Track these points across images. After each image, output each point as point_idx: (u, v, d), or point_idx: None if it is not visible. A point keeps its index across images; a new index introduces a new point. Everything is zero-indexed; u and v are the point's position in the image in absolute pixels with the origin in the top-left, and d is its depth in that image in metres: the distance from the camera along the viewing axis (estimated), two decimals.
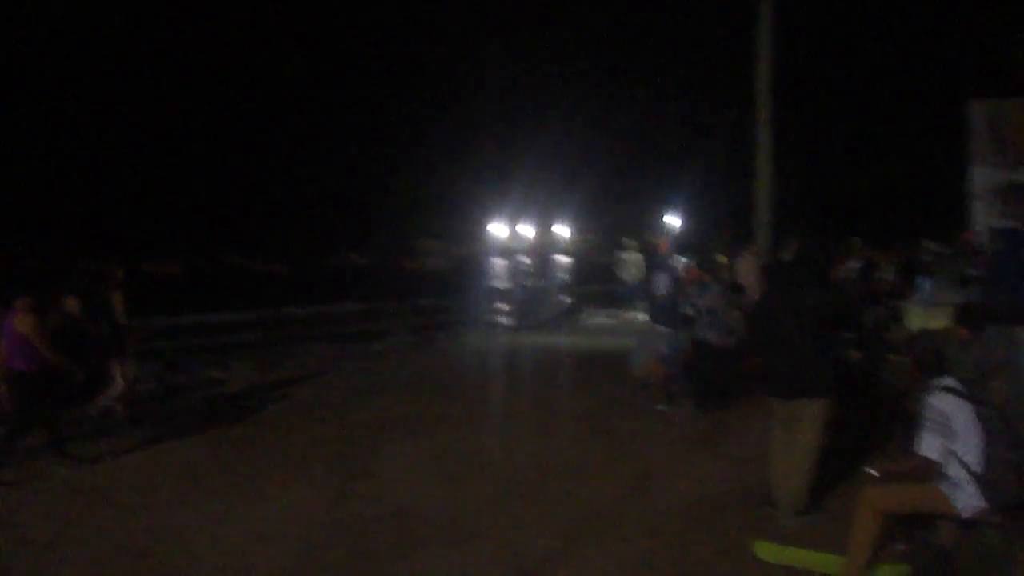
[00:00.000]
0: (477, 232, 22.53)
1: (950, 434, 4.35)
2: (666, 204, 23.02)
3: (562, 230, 22.49)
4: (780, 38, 13.74)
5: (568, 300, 20.23)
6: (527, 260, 19.59)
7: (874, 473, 4.81)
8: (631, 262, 19.12)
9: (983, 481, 4.32)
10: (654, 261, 14.51)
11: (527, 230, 20.84)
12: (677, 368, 9.41)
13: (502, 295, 18.28)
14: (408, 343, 15.90)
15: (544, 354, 14.29)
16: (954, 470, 4.37)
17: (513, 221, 20.66)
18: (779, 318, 5.85)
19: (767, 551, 5.20)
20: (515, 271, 19.04)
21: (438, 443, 8.21)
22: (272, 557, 5.44)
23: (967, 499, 4.35)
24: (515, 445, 8.11)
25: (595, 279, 23.90)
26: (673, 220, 22.45)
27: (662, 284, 9.26)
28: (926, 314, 10.61)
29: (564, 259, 21.17)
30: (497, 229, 19.95)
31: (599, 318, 19.67)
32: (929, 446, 4.39)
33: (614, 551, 5.42)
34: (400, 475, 7.23)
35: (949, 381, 4.53)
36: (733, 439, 8.06)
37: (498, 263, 19.14)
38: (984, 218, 12.58)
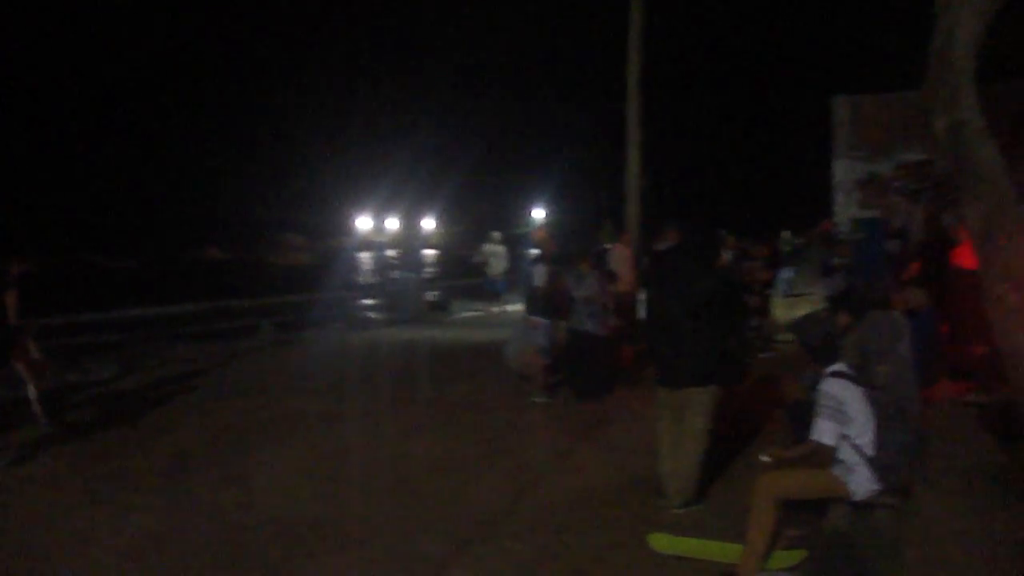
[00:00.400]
0: (343, 226, 21.97)
1: (844, 419, 4.34)
2: (533, 197, 23.14)
3: (428, 223, 22.21)
4: (652, 32, 13.93)
5: (435, 294, 19.90)
6: (393, 253, 19.19)
7: (767, 459, 4.74)
8: (496, 254, 19.01)
9: (876, 464, 4.33)
10: (518, 253, 14.40)
11: (393, 223, 20.43)
12: (555, 359, 9.26)
13: (369, 289, 17.76)
14: (273, 341, 15.11)
15: (415, 349, 13.90)
16: (847, 454, 4.38)
17: (379, 215, 20.19)
18: (666, 306, 5.74)
19: (662, 542, 5.06)
20: (381, 265, 18.58)
21: (313, 444, 7.71)
22: None
23: (861, 482, 4.36)
24: (395, 444, 7.72)
25: (462, 272, 23.72)
26: (539, 213, 22.53)
27: (539, 275, 9.06)
28: (788, 304, 10.95)
29: (430, 252, 20.96)
30: (363, 223, 19.38)
31: (468, 311, 19.45)
32: (823, 431, 4.35)
33: (507, 550, 5.17)
34: (277, 479, 6.71)
35: (839, 367, 4.52)
36: (617, 430, 7.98)
37: (364, 257, 18.64)
38: (846, 208, 13.16)
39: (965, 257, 9.02)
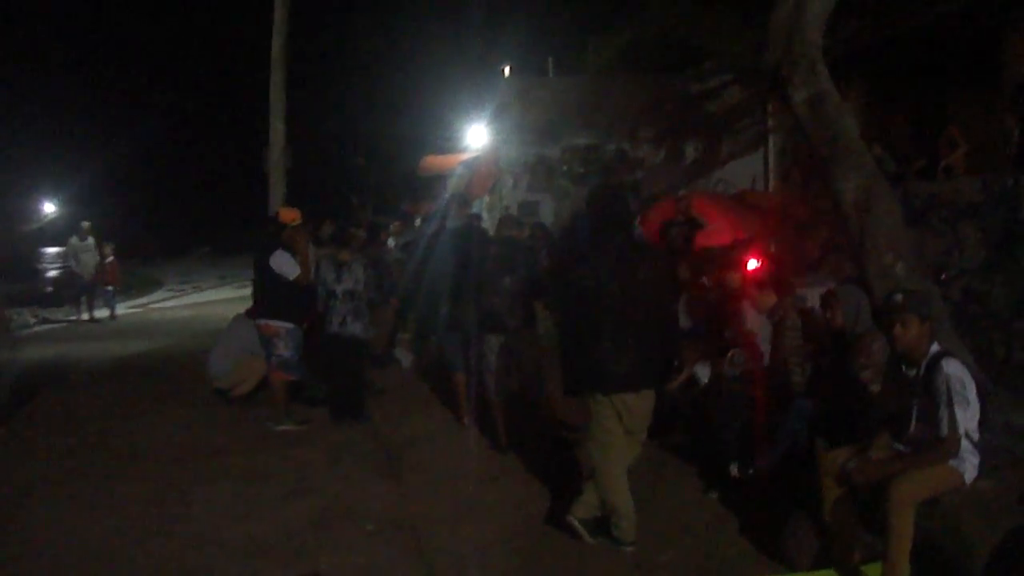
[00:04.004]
0: None
1: (967, 405, 3.80)
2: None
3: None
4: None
5: None
6: None
7: (852, 467, 4.03)
8: (86, 250, 15.25)
9: (980, 447, 3.90)
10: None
11: None
12: (303, 371, 7.31)
13: None
14: None
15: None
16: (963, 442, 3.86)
17: None
18: (618, 296, 4.57)
19: None
20: None
21: None
22: None
23: (971, 470, 3.88)
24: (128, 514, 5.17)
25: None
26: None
27: (285, 265, 6.98)
28: None
29: None
30: None
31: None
32: (961, 421, 3.76)
33: None
34: None
35: (939, 347, 3.99)
36: (433, 456, 6.45)
37: None
38: (514, 192, 12.96)
39: (712, 237, 9.34)
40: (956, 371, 3.79)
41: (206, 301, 17.51)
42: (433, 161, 23.00)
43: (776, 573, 4.21)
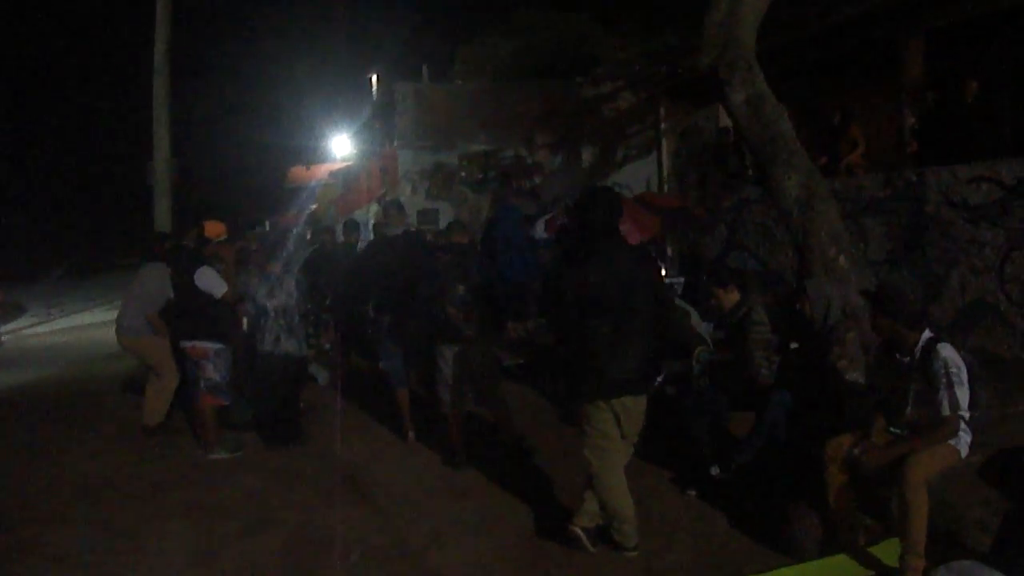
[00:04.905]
0: None
1: (962, 386, 3.98)
2: None
3: None
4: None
5: None
6: None
7: (857, 453, 4.15)
8: None
9: (972, 425, 4.11)
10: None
11: None
12: (233, 395, 6.81)
13: None
14: None
15: None
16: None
17: None
18: (620, 296, 4.50)
19: None
20: None
21: None
22: None
23: (964, 447, 4.08)
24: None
25: None
26: None
27: (210, 281, 6.47)
28: None
29: None
30: None
31: None
32: (961, 401, 3.94)
33: None
34: None
35: (930, 332, 4.16)
36: (390, 476, 6.15)
37: None
38: (413, 200, 12.66)
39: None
40: (952, 355, 3.98)
41: (78, 325, 16.08)
42: (299, 173, 22.37)
43: (786, 565, 4.26)
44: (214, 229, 6.83)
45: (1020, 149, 7.02)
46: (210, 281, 6.51)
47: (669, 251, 11.39)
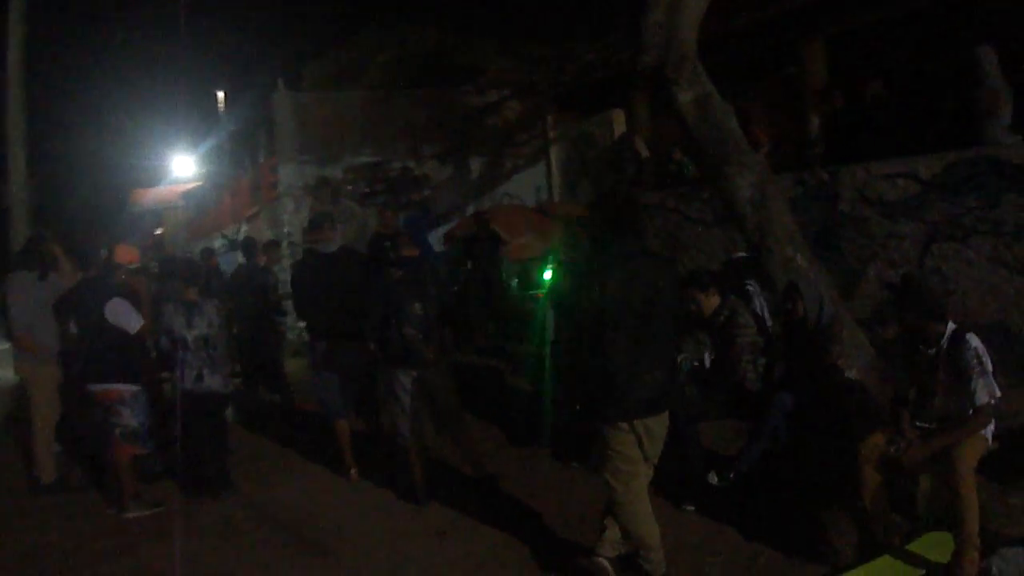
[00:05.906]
0: None
1: (989, 374, 3.96)
2: None
3: None
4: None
5: None
6: None
7: (893, 451, 4.04)
8: None
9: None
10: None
11: None
12: (152, 442, 5.93)
13: None
14: None
15: None
16: None
17: None
18: (644, 311, 4.13)
19: None
20: None
21: None
22: None
23: (990, 435, 4.07)
24: None
25: None
26: None
27: (121, 314, 5.55)
28: None
29: None
30: None
31: None
32: (994, 389, 3.91)
33: None
34: None
35: (954, 324, 4.11)
36: (344, 521, 5.51)
37: None
38: (296, 216, 11.76)
39: (524, 250, 9.23)
40: (979, 344, 3.96)
41: None
42: (145, 194, 20.69)
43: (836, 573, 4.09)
44: (126, 255, 5.94)
45: (935, 146, 7.29)
46: (122, 314, 5.64)
47: None
